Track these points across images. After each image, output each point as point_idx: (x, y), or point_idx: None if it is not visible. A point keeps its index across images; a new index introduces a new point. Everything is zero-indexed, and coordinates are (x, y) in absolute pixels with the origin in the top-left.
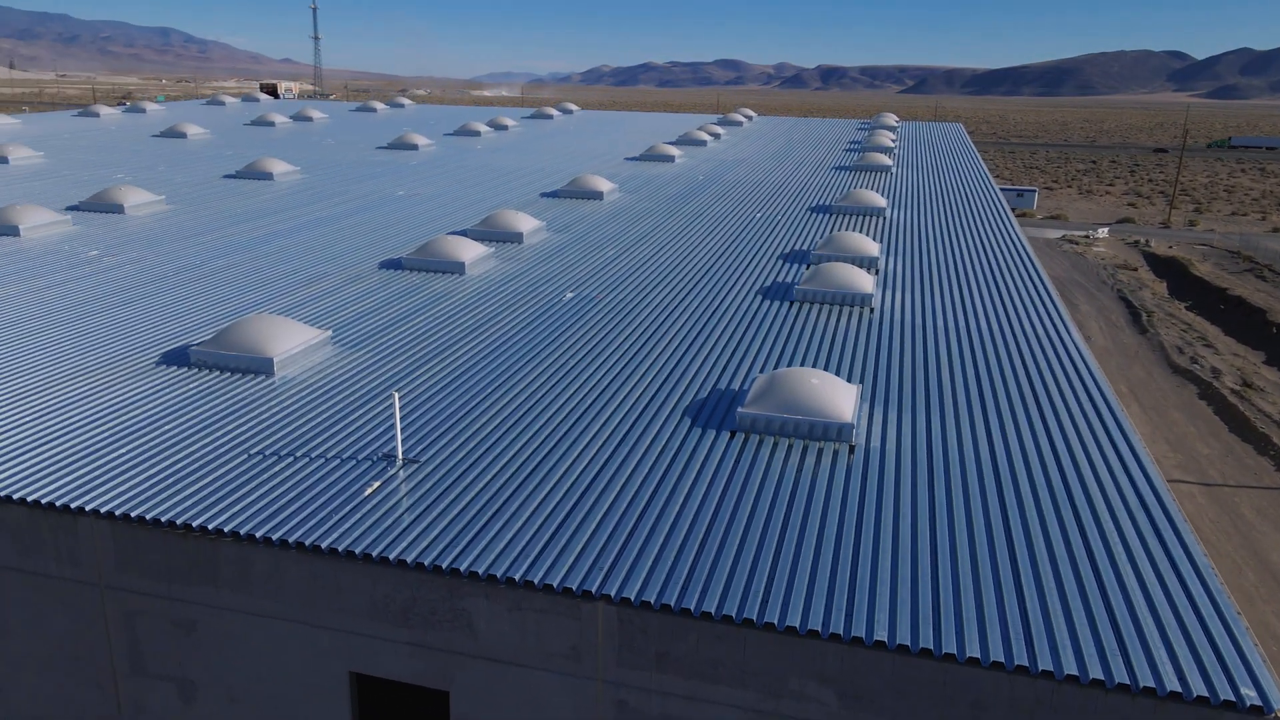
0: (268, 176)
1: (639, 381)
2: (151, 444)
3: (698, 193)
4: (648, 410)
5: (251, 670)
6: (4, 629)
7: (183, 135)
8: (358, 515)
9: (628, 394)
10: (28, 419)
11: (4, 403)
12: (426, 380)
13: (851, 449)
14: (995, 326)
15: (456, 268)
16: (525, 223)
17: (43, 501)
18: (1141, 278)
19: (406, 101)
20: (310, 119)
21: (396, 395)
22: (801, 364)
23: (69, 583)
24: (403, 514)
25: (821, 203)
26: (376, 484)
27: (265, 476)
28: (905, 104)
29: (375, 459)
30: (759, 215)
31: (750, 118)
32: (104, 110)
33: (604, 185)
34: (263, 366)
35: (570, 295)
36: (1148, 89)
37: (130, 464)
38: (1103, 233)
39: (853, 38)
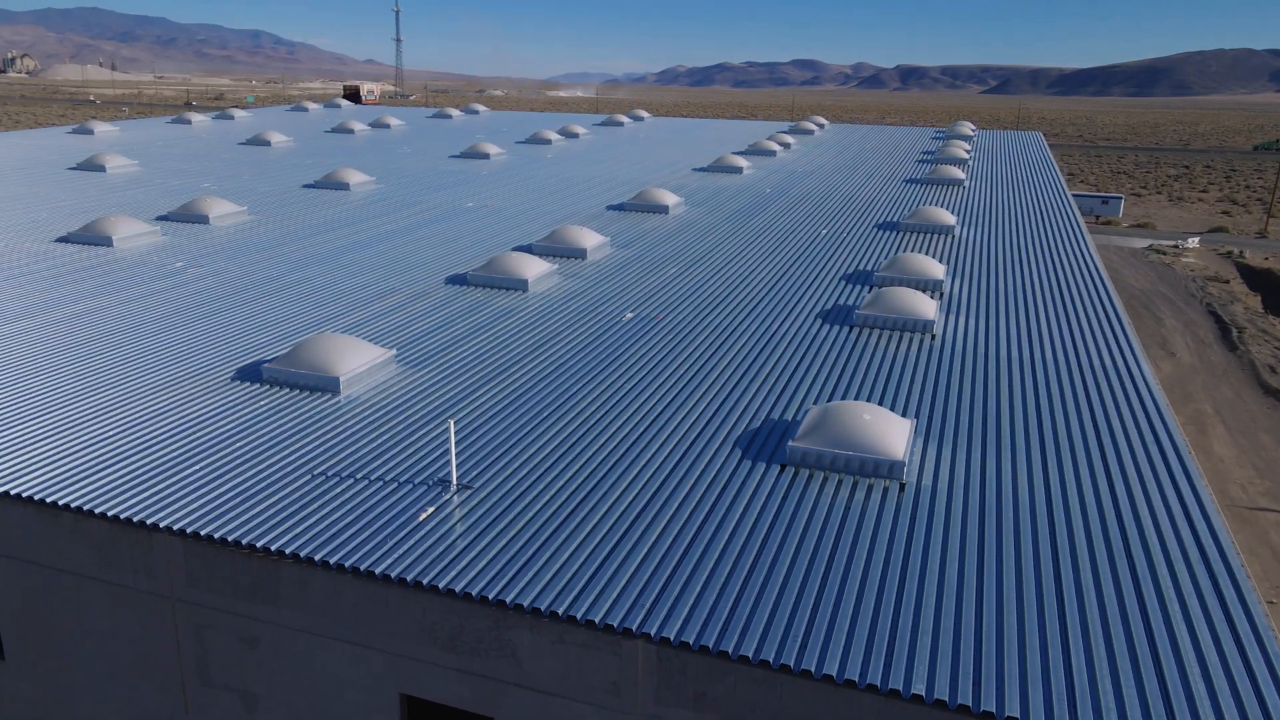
0: (344, 187)
1: (692, 409)
2: (222, 461)
3: (764, 206)
4: (699, 439)
5: (309, 686)
6: (84, 634)
7: (267, 143)
8: (412, 540)
9: (680, 421)
10: (112, 433)
11: (92, 417)
12: (485, 402)
13: (902, 487)
14: (1061, 357)
15: (520, 285)
16: (589, 239)
17: (121, 517)
18: (1234, 291)
19: (481, 108)
20: (388, 126)
21: (452, 424)
22: (858, 394)
23: (144, 594)
24: (454, 541)
25: (889, 219)
26: (431, 509)
27: (326, 498)
28: (987, 105)
29: (431, 483)
30: (824, 232)
31: (822, 125)
32: (195, 118)
33: (669, 199)
34: (329, 385)
35: (630, 316)
36: (1248, 89)
37: (201, 481)
38: (1193, 242)
39: (933, 37)
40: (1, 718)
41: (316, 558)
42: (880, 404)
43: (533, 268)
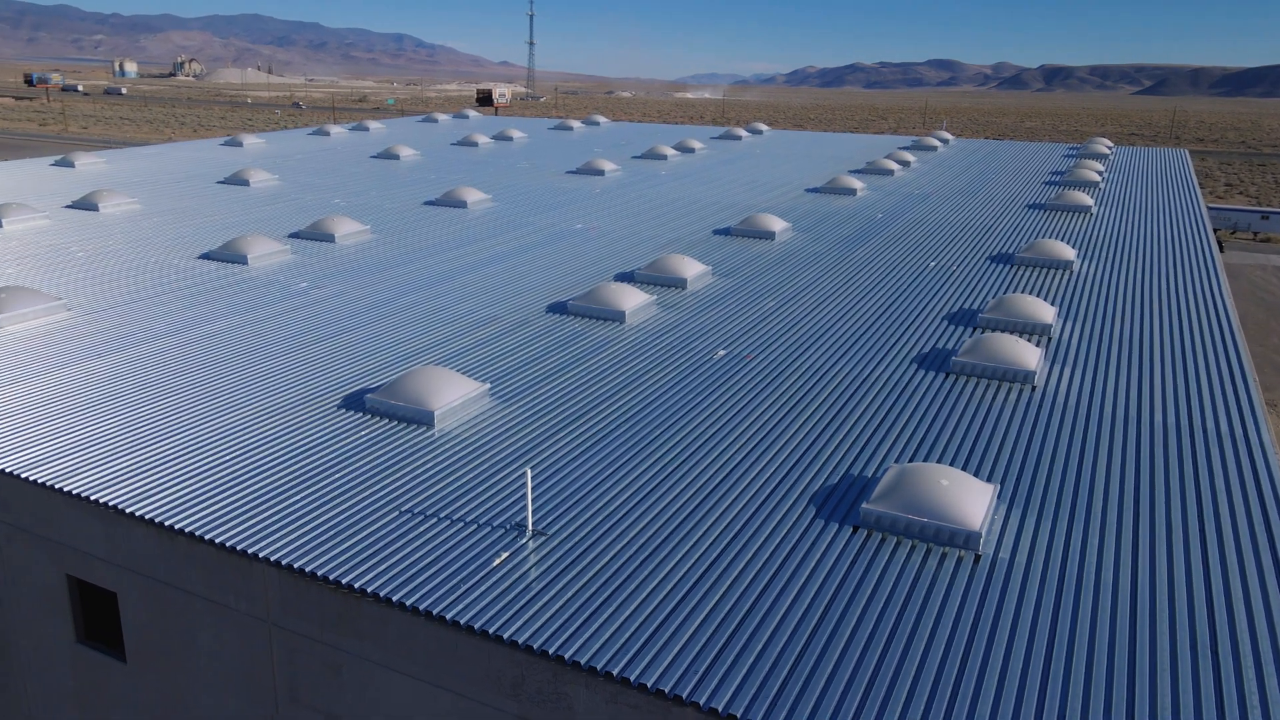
0: (462, 205)
1: (772, 459)
2: (319, 493)
3: (874, 233)
4: (774, 494)
5: (385, 716)
6: (194, 647)
7: (396, 157)
8: (483, 587)
9: (757, 473)
10: (225, 459)
11: (209, 442)
12: (569, 442)
13: (977, 559)
14: (1172, 418)
15: (617, 316)
16: (690, 268)
17: (226, 544)
18: None
19: (601, 120)
20: (510, 139)
21: (529, 471)
22: (945, 449)
23: (244, 616)
24: (522, 590)
25: (1004, 250)
26: (504, 555)
27: (409, 536)
28: (1139, 107)
29: (509, 527)
30: (933, 264)
31: (946, 141)
32: (334, 130)
33: (776, 225)
34: (425, 419)
35: (722, 353)
36: None
37: (298, 512)
38: None
39: (1081, 34)
40: (121, 714)
41: (394, 598)
42: (968, 462)
43: (631, 299)
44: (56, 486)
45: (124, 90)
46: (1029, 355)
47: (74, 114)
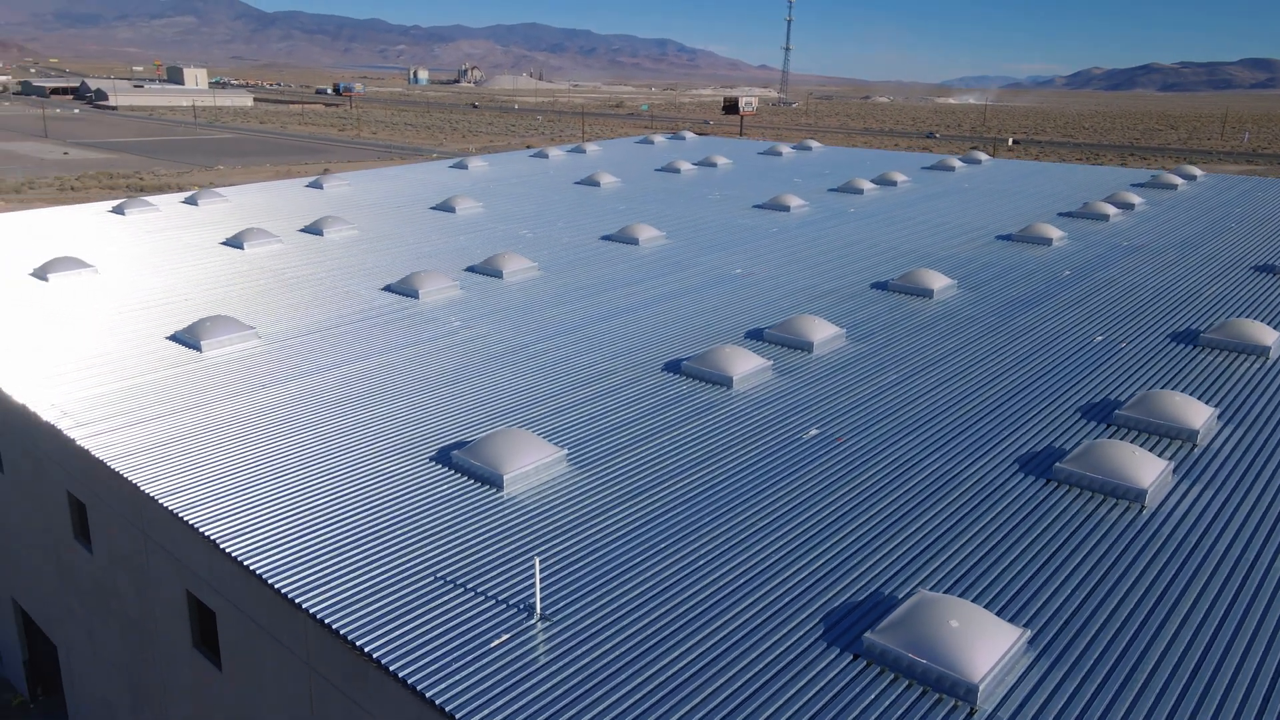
0: (634, 242)
1: (810, 561)
2: (372, 549)
3: (1051, 294)
4: (793, 604)
5: None
6: (261, 675)
7: (596, 184)
8: (474, 666)
9: (789, 576)
10: (308, 504)
11: (300, 485)
12: (619, 519)
13: (972, 712)
14: None
15: (725, 381)
16: (820, 331)
17: (279, 589)
18: None
19: (814, 144)
20: (714, 165)
21: (537, 561)
22: (992, 577)
23: (292, 655)
24: (502, 677)
25: (1194, 326)
26: (505, 637)
27: (430, 603)
28: None
29: (522, 606)
30: (1100, 338)
31: (1192, 178)
32: (552, 153)
33: (937, 281)
34: (495, 481)
35: (815, 432)
36: None
37: (346, 567)
38: None
39: None
40: (219, 715)
41: (391, 668)
42: (1015, 596)
43: (744, 363)
44: (179, 514)
45: (413, 92)
46: (1145, 470)
47: (368, 119)
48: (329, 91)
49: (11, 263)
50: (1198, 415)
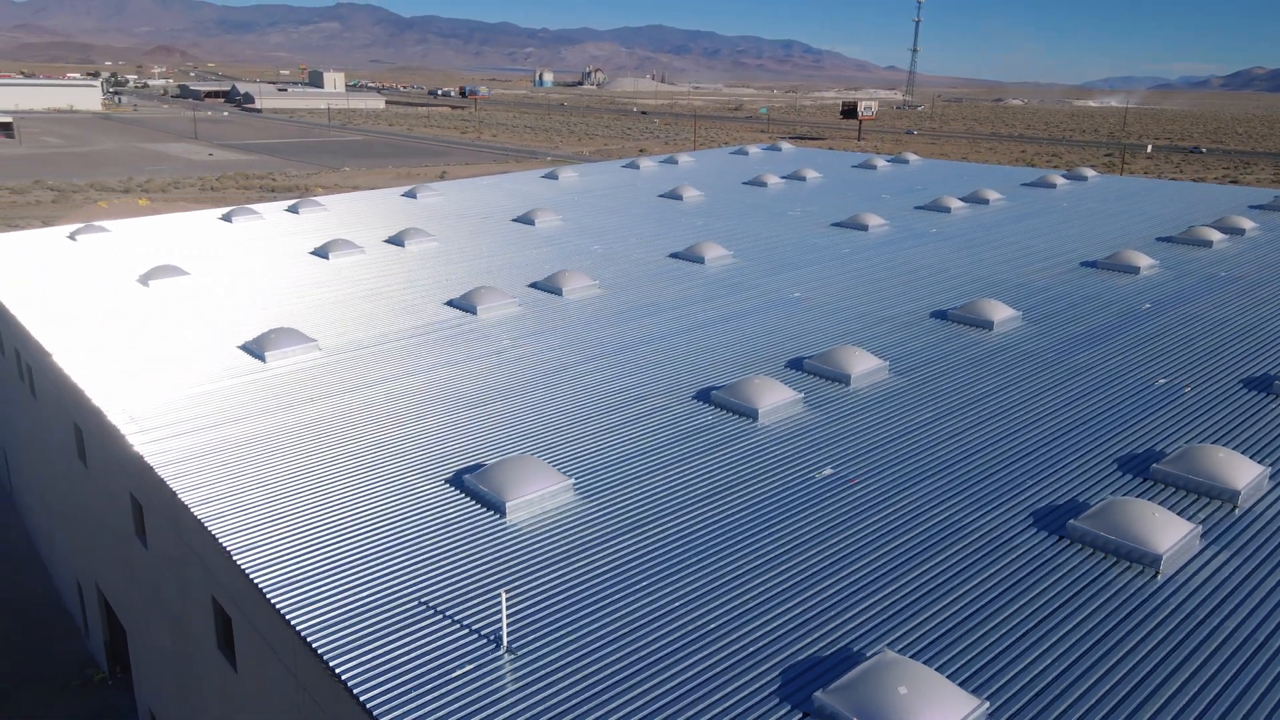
0: (700, 260)
1: (785, 611)
2: (367, 572)
3: (1122, 330)
4: (752, 657)
5: None
6: (267, 680)
7: (679, 198)
8: (435, 694)
9: (757, 626)
10: (317, 522)
11: (317, 502)
12: (607, 555)
13: None
14: None
15: (751, 413)
16: (861, 363)
17: (275, 604)
18: None
19: (912, 158)
20: (804, 179)
21: (504, 594)
22: (969, 644)
23: (285, 670)
24: (462, 707)
25: (1272, 372)
26: (469, 667)
27: (406, 629)
28: None
29: (492, 638)
30: (1163, 380)
31: None
32: (644, 163)
33: (998, 313)
34: (498, 508)
35: (828, 472)
36: None
37: (339, 588)
38: None
39: None
40: (238, 714)
41: (354, 690)
42: (986, 664)
43: (773, 396)
44: (205, 523)
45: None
46: (1165, 533)
47: (490, 122)
48: (443, 93)
49: (126, 268)
50: (1243, 474)
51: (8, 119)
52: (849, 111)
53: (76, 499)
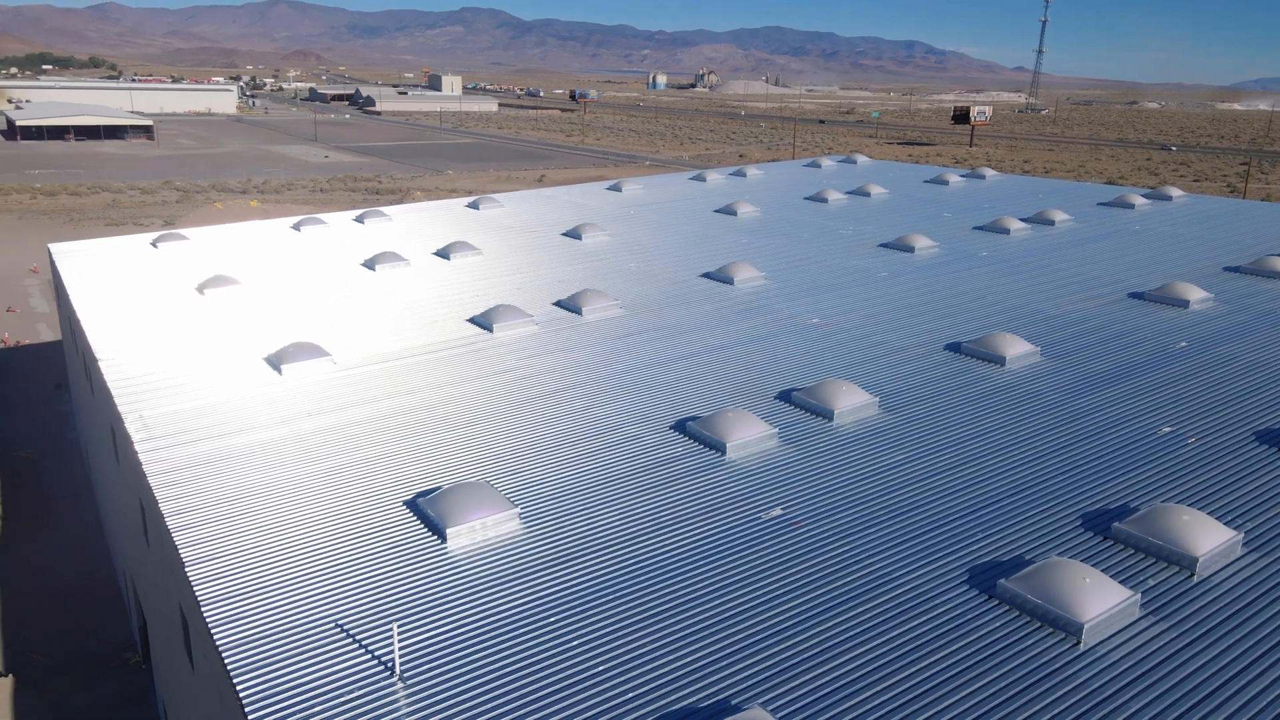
0: (729, 281)
1: (667, 666)
2: (298, 593)
3: (1145, 370)
4: (619, 709)
5: None
6: (209, 691)
7: (733, 214)
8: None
9: (629, 682)
10: (272, 542)
11: (280, 522)
12: (533, 588)
13: None
14: None
15: (719, 446)
16: (848, 398)
17: (206, 617)
18: None
19: (989, 173)
20: (868, 194)
21: (395, 628)
22: (864, 709)
23: (213, 679)
24: None
25: None
26: (360, 694)
27: (315, 653)
28: None
29: (389, 667)
30: (1168, 430)
31: None
32: (711, 176)
33: (1014, 347)
34: (440, 533)
35: (778, 512)
36: None
37: (268, 606)
38: None
39: None
40: (200, 710)
41: (247, 710)
42: None
43: (744, 429)
44: (173, 533)
45: (640, 103)
46: (1093, 599)
47: (596, 125)
48: (530, 93)
49: (191, 276)
50: (1207, 539)
51: (148, 122)
52: (961, 116)
53: (115, 493)
